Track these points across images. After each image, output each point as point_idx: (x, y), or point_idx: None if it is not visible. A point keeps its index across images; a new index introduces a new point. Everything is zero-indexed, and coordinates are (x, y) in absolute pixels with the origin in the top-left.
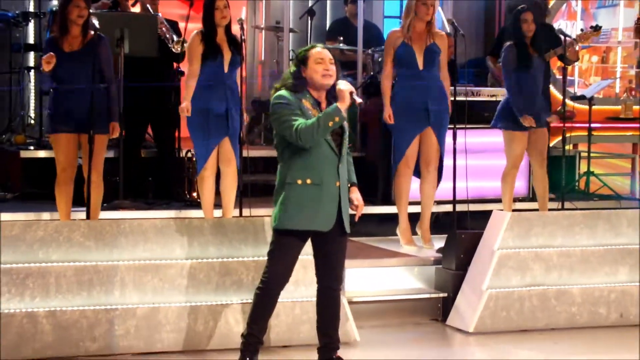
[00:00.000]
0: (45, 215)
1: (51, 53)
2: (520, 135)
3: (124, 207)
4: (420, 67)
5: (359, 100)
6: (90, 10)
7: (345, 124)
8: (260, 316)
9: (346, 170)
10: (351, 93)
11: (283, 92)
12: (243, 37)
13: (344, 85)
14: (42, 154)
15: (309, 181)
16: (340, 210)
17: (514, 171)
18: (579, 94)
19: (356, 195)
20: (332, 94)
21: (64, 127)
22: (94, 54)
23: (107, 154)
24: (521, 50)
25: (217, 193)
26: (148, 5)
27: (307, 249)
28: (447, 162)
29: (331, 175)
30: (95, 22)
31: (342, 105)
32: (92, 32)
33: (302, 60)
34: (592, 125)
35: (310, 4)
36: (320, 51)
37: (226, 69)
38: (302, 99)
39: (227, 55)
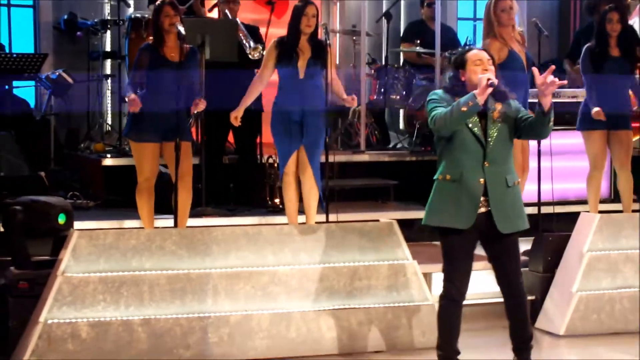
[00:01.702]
0: (128, 223)
1: (135, 97)
2: (597, 135)
3: (207, 214)
4: (526, 70)
5: (495, 80)
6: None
7: (499, 119)
8: (448, 330)
9: (504, 168)
10: (488, 79)
11: (438, 90)
12: (328, 42)
13: (482, 74)
14: (123, 161)
15: (448, 177)
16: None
17: (596, 173)
18: None
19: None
20: (495, 95)
21: (150, 137)
22: (189, 64)
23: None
24: (603, 50)
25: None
26: (227, 11)
27: (395, 253)
28: (531, 164)
29: (473, 171)
30: (181, 28)
31: (479, 92)
32: (187, 45)
33: (459, 64)
34: None
35: (384, 7)
36: (477, 53)
37: (301, 75)
38: (457, 97)
39: (303, 62)
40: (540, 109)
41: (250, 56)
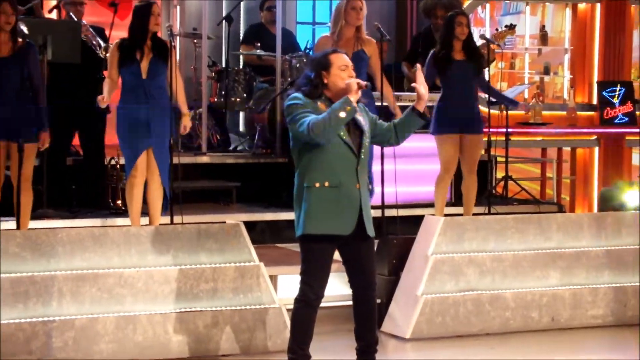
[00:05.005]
0: None
1: None
2: (449, 139)
3: (48, 216)
4: None
5: (364, 83)
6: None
7: (365, 126)
8: (301, 333)
9: (367, 172)
10: (358, 83)
11: (297, 94)
12: (173, 43)
13: (350, 78)
14: None
15: (327, 184)
16: (361, 214)
17: (446, 176)
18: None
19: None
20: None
21: None
22: (23, 60)
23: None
24: (448, 54)
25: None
26: (71, 13)
27: (241, 255)
28: (375, 167)
29: (350, 177)
30: (24, 28)
31: (352, 96)
32: (21, 40)
33: (323, 66)
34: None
35: (224, 10)
36: (343, 57)
37: (144, 76)
38: (318, 101)
39: (145, 62)
40: (416, 111)
41: (101, 55)
